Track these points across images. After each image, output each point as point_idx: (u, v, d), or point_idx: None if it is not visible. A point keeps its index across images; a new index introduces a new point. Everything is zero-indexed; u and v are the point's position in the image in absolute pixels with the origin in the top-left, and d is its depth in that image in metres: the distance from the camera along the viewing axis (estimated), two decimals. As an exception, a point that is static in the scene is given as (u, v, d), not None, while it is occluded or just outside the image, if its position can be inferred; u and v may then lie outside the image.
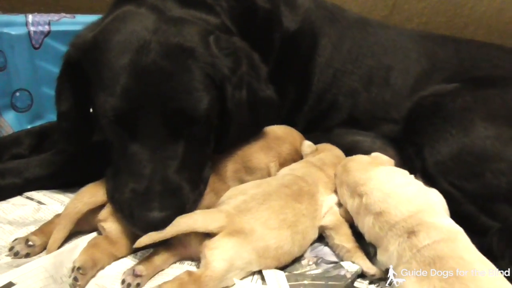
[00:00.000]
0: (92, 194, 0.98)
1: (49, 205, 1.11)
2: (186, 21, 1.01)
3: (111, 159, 1.02)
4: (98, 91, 0.96)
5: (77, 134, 1.11)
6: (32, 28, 1.49)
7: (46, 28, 1.50)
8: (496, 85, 1.20)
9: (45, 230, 0.96)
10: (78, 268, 0.85)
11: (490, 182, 1.06)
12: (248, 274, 0.89)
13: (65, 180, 1.19)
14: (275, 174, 1.10)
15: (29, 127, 1.48)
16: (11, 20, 1.48)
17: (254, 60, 1.10)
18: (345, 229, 0.99)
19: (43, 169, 1.17)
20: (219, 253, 0.83)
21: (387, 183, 0.94)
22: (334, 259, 0.97)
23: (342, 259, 0.97)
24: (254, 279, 0.89)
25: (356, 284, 0.92)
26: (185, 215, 0.90)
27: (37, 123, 1.50)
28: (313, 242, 1.01)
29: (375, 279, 0.93)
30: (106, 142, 1.03)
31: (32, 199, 1.13)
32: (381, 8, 1.92)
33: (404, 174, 1.00)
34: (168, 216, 0.89)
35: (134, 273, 0.85)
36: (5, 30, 1.46)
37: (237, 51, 1.04)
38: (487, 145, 1.08)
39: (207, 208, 1.00)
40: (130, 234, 0.93)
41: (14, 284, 0.81)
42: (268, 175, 1.10)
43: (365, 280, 0.93)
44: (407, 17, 1.93)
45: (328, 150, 1.16)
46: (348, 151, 1.19)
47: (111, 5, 1.10)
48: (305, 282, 0.88)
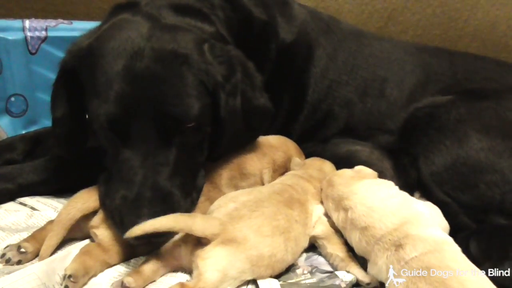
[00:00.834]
0: (85, 200, 0.97)
1: (42, 211, 1.10)
2: (181, 29, 1.02)
3: (104, 166, 1.02)
4: (92, 97, 0.96)
5: (71, 141, 1.11)
6: (29, 33, 1.49)
7: (43, 34, 1.50)
8: (490, 98, 1.21)
9: (38, 237, 0.95)
10: (69, 276, 0.83)
11: (484, 194, 1.07)
12: (242, 283, 0.88)
13: (59, 186, 1.19)
14: (269, 181, 1.10)
15: (24, 133, 1.47)
16: (8, 25, 1.48)
17: (249, 69, 1.11)
18: (337, 239, 1.00)
19: (37, 175, 1.17)
20: (212, 264, 0.82)
21: (370, 197, 0.94)
22: (329, 269, 0.97)
23: (337, 269, 0.96)
24: (248, 288, 0.89)
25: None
26: (186, 214, 0.88)
27: (32, 129, 1.50)
28: (308, 251, 1.01)
29: (370, 288, 0.92)
30: (100, 149, 1.03)
31: (25, 205, 1.12)
32: (376, 20, 1.94)
33: (388, 186, 1.00)
34: None
35: (123, 285, 0.83)
36: (2, 35, 1.46)
37: (232, 59, 1.05)
38: (481, 157, 1.09)
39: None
40: (123, 241, 0.92)
41: (7, 291, 0.80)
42: (261, 181, 1.11)
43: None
44: (402, 29, 1.95)
45: (315, 167, 1.16)
46: (345, 161, 1.19)
47: (108, 14, 1.11)
48: (300, 291, 0.88)
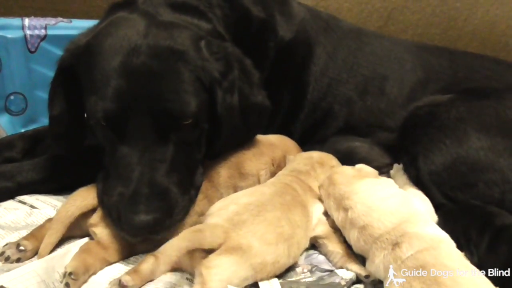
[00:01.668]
0: (84, 198, 0.97)
1: (42, 209, 1.10)
2: (177, 26, 1.02)
3: (103, 163, 1.02)
4: (90, 94, 0.96)
5: (69, 138, 1.11)
6: (29, 32, 1.49)
7: (43, 32, 1.50)
8: (490, 97, 1.21)
9: (37, 235, 0.95)
10: (70, 274, 0.83)
11: (483, 192, 1.07)
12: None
13: (58, 185, 1.19)
14: (265, 181, 1.10)
15: (23, 131, 1.47)
16: (7, 23, 1.48)
17: (246, 66, 1.11)
18: (337, 237, 1.00)
19: (36, 173, 1.17)
20: (217, 273, 0.80)
21: (370, 197, 0.95)
22: (329, 267, 0.97)
23: (337, 265, 0.97)
24: (248, 288, 0.89)
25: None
26: (194, 229, 0.87)
27: (31, 127, 1.49)
28: (308, 250, 1.01)
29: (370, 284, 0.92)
30: (98, 146, 1.03)
31: (25, 203, 1.12)
32: (376, 19, 1.94)
33: (389, 185, 1.00)
34: (155, 219, 0.88)
35: (121, 284, 0.83)
36: (1, 33, 1.46)
37: (229, 56, 1.05)
38: (481, 156, 1.09)
39: (201, 215, 1.00)
40: (122, 239, 0.92)
41: (6, 288, 0.80)
42: (258, 182, 1.11)
43: (361, 288, 0.93)
44: (402, 28, 1.95)
45: (294, 159, 1.15)
46: (345, 157, 1.20)
47: (105, 12, 1.12)
48: (300, 290, 0.88)
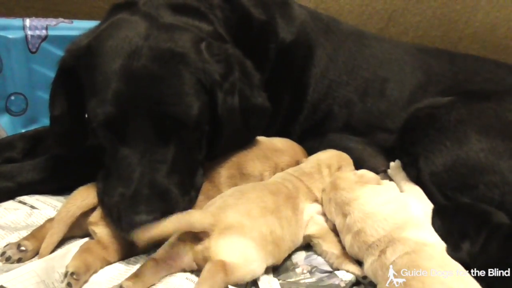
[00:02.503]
0: (84, 197, 0.97)
1: (42, 210, 1.10)
2: (178, 28, 1.02)
3: (103, 163, 1.02)
4: (90, 96, 0.97)
5: (70, 139, 1.12)
6: (29, 32, 1.49)
7: (44, 33, 1.50)
8: (490, 99, 1.21)
9: (37, 235, 0.96)
10: (72, 273, 0.84)
11: (483, 194, 1.07)
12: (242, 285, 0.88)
13: (58, 185, 1.19)
14: None
15: (23, 131, 1.47)
16: (8, 24, 1.48)
17: (247, 67, 1.11)
18: (332, 237, 1.00)
19: (36, 174, 1.17)
20: (225, 252, 0.82)
21: (368, 203, 0.95)
22: (329, 269, 0.97)
23: (333, 266, 0.97)
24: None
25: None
26: (183, 212, 0.88)
27: (32, 127, 1.49)
28: (308, 251, 1.02)
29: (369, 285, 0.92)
30: (99, 147, 1.03)
31: (25, 204, 1.12)
32: (377, 21, 1.94)
33: (387, 191, 1.00)
34: (156, 219, 0.88)
35: None
36: (2, 34, 1.46)
37: (229, 58, 1.05)
38: (481, 158, 1.09)
39: None
40: (122, 239, 0.93)
41: (6, 288, 0.80)
42: None
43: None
44: (403, 31, 1.95)
45: (310, 162, 1.15)
46: None
47: (107, 13, 1.12)
48: (299, 290, 0.88)
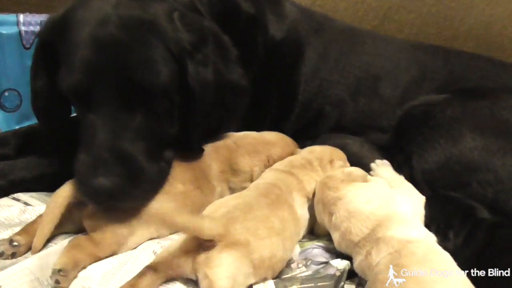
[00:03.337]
0: (72, 188, 0.96)
1: (36, 206, 1.09)
2: None
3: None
4: (61, 66, 0.98)
5: (51, 113, 1.12)
6: (23, 28, 1.48)
7: (38, 29, 1.48)
8: (485, 97, 1.22)
9: (29, 230, 0.95)
10: (59, 270, 0.83)
11: (477, 192, 1.07)
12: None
13: (51, 183, 1.17)
14: (258, 177, 1.10)
15: (17, 128, 1.46)
16: (2, 19, 1.46)
17: (223, 42, 1.10)
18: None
19: (29, 172, 1.16)
20: (222, 271, 0.79)
21: (352, 202, 0.95)
22: (323, 259, 0.97)
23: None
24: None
25: (346, 287, 0.92)
26: (195, 215, 0.85)
27: (26, 124, 1.48)
28: (303, 245, 1.02)
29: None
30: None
31: (19, 200, 1.12)
32: (372, 18, 1.94)
33: (372, 188, 0.99)
34: (115, 184, 0.88)
35: None
36: (-5, 29, 1.45)
37: (203, 30, 1.04)
38: (475, 156, 1.09)
39: (195, 205, 1.00)
40: (115, 234, 0.92)
41: (0, 287, 0.79)
42: (251, 178, 1.11)
43: (354, 283, 0.93)
44: (398, 28, 1.96)
45: (301, 155, 1.15)
46: None
47: None
48: (294, 287, 0.88)
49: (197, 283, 0.82)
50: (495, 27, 1.96)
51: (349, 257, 0.94)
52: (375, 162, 1.18)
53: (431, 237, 0.89)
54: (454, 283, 0.77)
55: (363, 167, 1.12)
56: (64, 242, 0.94)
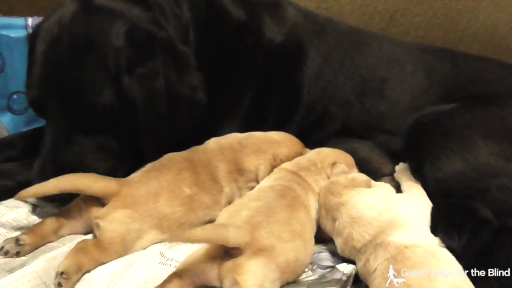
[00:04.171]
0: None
1: (43, 208, 1.10)
2: (105, 11, 1.06)
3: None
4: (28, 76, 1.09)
5: (42, 103, 1.13)
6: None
7: (46, 32, 1.50)
8: (493, 103, 1.20)
9: (36, 230, 0.96)
10: (62, 273, 0.83)
11: (497, 197, 1.04)
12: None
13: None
14: (263, 177, 1.10)
15: (25, 130, 1.46)
16: (11, 23, 1.48)
17: (178, 54, 1.11)
18: None
19: None
20: (251, 278, 0.78)
21: (354, 208, 0.95)
22: (330, 263, 0.97)
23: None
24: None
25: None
26: (219, 224, 0.86)
27: (34, 126, 1.49)
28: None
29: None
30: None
31: (26, 201, 1.12)
32: (378, 21, 1.93)
33: (375, 193, 0.99)
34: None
35: None
36: (4, 33, 1.46)
37: (153, 43, 1.06)
38: (491, 161, 1.07)
39: (202, 207, 1.02)
40: (123, 241, 0.92)
41: (7, 291, 0.80)
42: (256, 178, 1.11)
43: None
44: (403, 31, 1.95)
45: (309, 156, 1.15)
46: None
47: None
48: (300, 291, 0.88)
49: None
50: (502, 30, 1.95)
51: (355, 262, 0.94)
52: (399, 165, 1.19)
53: (433, 241, 0.89)
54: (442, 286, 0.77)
55: (373, 171, 1.11)
56: (72, 244, 0.94)
